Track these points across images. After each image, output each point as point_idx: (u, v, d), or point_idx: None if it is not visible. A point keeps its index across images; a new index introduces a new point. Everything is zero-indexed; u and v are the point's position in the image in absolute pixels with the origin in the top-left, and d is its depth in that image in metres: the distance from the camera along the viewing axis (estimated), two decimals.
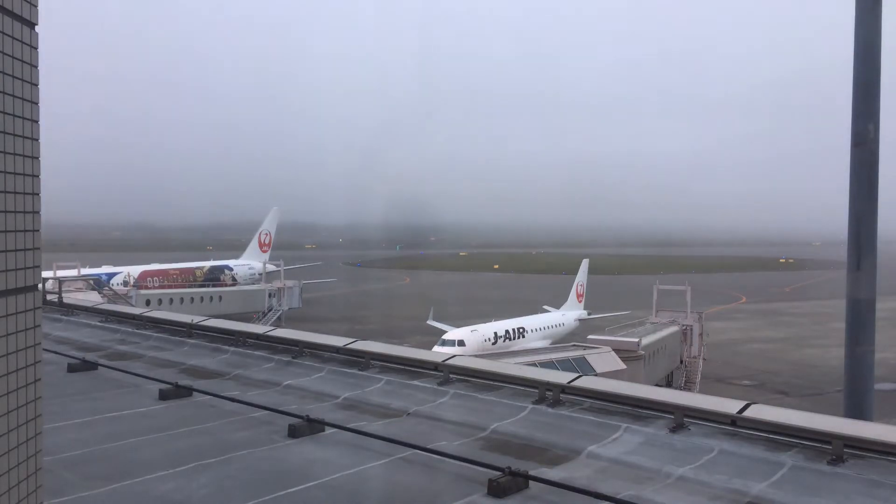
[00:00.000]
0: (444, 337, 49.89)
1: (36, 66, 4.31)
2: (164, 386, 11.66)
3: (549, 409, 9.95)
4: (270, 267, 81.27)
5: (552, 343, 53.71)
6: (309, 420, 9.44)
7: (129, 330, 17.76)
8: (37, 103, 4.32)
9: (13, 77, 4.07)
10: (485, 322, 54.41)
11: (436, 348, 43.72)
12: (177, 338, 16.29)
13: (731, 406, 8.97)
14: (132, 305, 40.97)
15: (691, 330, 49.14)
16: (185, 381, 11.94)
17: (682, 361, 49.00)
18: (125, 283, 66.90)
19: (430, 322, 60.78)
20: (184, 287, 73.59)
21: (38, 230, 4.36)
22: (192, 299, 66.63)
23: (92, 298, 29.92)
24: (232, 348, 14.82)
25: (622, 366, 36.23)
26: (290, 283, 72.89)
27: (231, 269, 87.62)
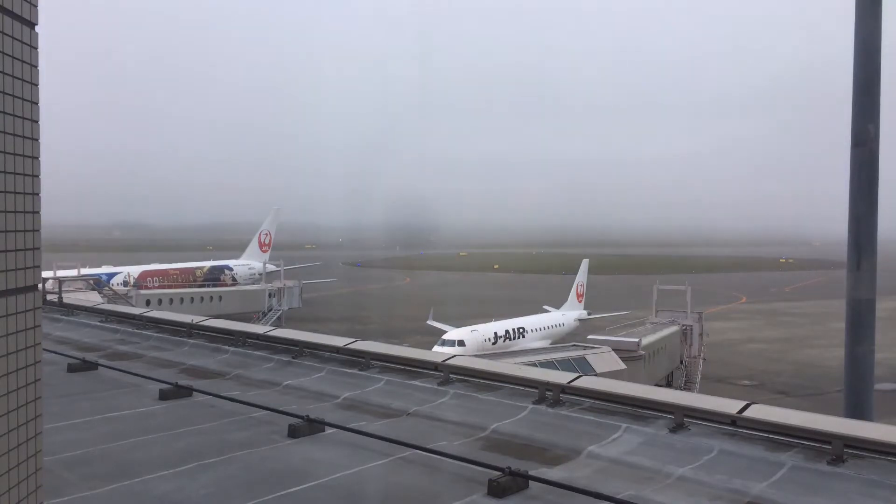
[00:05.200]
0: (444, 337, 49.89)
1: (36, 66, 4.31)
2: (164, 386, 11.66)
3: (549, 409, 9.95)
4: (270, 267, 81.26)
5: (552, 343, 53.70)
6: (309, 420, 9.44)
7: (129, 330, 17.76)
8: (37, 103, 4.32)
9: (13, 77, 4.07)
10: (485, 322, 54.41)
11: (436, 348, 43.72)
12: (177, 338, 16.29)
13: (731, 406, 8.97)
14: (132, 305, 40.97)
15: (691, 330, 49.12)
16: (185, 381, 11.94)
17: (682, 361, 48.99)
18: (125, 283, 66.88)
19: (430, 322, 60.77)
20: (184, 287, 73.57)
21: (38, 230, 4.36)
22: (192, 299, 66.60)
23: (92, 298, 29.92)
24: (232, 348, 14.82)
25: (622, 366, 36.21)
26: (290, 283, 72.84)
27: (231, 269, 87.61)
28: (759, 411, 8.72)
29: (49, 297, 23.06)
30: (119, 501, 7.21)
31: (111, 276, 67.17)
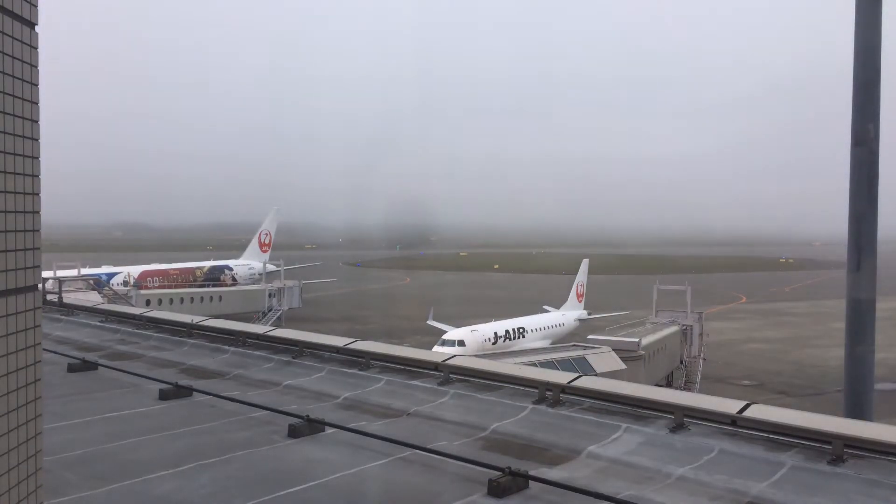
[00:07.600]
0: (444, 337, 49.88)
1: (36, 66, 4.31)
2: (164, 386, 11.67)
3: (549, 409, 9.95)
4: (270, 267, 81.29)
5: (552, 343, 53.70)
6: (309, 420, 9.44)
7: (129, 330, 17.76)
8: (37, 103, 4.32)
9: (13, 77, 4.07)
10: (485, 322, 54.40)
11: (436, 348, 43.71)
12: (177, 338, 16.29)
13: (731, 406, 8.97)
14: (132, 305, 40.96)
15: (691, 330, 49.15)
16: (185, 381, 11.94)
17: (682, 361, 49.00)
18: (125, 283, 66.89)
19: (430, 322, 60.76)
20: (184, 287, 73.59)
21: (38, 230, 4.36)
22: (192, 299, 66.65)
23: (92, 298, 29.91)
24: (232, 348, 14.82)
25: (622, 366, 36.23)
26: (290, 283, 72.85)
27: (231, 269, 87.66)
28: (759, 411, 8.72)
29: (49, 297, 23.05)
30: (119, 501, 7.21)
31: (111, 276, 67.18)
